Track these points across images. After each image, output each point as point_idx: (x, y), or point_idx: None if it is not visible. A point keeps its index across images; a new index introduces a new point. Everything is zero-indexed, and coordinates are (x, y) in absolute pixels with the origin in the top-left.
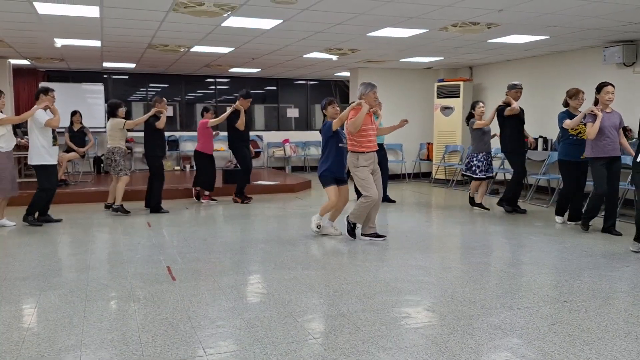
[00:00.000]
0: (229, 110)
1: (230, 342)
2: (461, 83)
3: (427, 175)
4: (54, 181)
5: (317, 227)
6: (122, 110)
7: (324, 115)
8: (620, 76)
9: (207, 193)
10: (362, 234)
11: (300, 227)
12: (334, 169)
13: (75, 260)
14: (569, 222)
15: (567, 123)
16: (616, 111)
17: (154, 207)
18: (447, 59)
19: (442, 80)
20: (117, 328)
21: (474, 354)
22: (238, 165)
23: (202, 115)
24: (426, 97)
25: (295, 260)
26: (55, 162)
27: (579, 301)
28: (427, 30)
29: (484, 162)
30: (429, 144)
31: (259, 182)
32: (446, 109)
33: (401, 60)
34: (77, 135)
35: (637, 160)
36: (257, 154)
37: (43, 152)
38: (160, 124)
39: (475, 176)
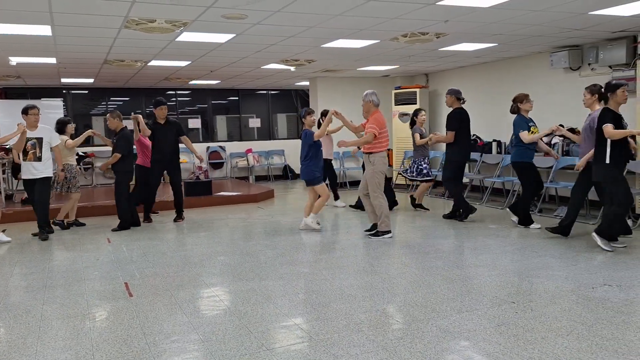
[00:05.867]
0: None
1: (184, 357)
2: (417, 90)
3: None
4: (31, 195)
5: (317, 223)
6: (70, 127)
7: (302, 124)
8: (567, 80)
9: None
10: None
11: (261, 238)
12: (321, 170)
13: (32, 279)
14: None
15: (526, 138)
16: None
17: None
18: (403, 67)
19: (399, 88)
20: (71, 347)
21: (422, 358)
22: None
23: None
24: (384, 105)
25: (254, 271)
26: (27, 177)
27: (525, 301)
28: (379, 41)
29: (428, 165)
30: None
31: (222, 193)
32: (404, 116)
33: (358, 69)
34: None
35: (606, 162)
36: (220, 165)
37: (22, 167)
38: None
39: (427, 178)
